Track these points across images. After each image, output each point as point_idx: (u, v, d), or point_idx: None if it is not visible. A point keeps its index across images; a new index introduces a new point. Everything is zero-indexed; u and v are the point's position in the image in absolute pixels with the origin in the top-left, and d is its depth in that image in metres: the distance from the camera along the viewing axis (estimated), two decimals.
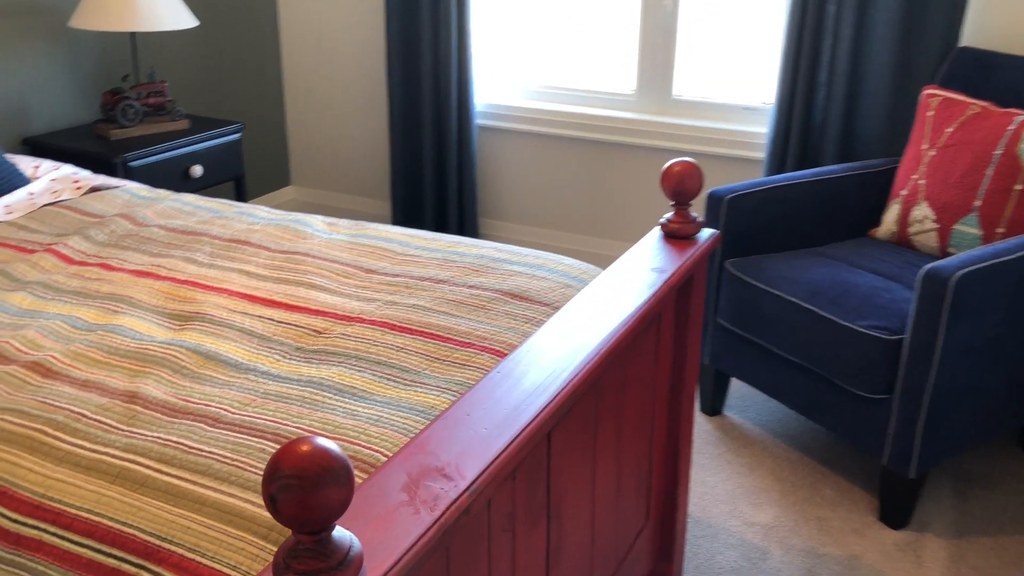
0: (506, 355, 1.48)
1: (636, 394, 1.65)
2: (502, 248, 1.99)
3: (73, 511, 1.18)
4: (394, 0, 3.53)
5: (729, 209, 2.43)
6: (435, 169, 3.70)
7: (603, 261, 3.63)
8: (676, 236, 1.75)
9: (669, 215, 1.76)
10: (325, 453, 0.82)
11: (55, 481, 1.21)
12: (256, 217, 2.18)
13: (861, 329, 2.09)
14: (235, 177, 3.30)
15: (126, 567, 1.12)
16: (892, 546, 2.12)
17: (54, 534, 1.17)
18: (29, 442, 1.27)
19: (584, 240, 3.66)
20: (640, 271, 1.63)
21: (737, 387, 2.82)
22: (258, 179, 4.04)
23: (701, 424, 2.62)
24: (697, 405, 2.71)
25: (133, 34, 3.04)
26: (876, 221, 2.66)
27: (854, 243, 2.55)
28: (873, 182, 2.64)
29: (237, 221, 2.15)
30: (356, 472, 1.19)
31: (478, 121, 3.67)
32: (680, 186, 1.71)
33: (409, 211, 3.83)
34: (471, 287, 1.77)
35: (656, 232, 1.78)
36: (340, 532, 0.88)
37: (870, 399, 2.12)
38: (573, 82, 3.58)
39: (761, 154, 3.19)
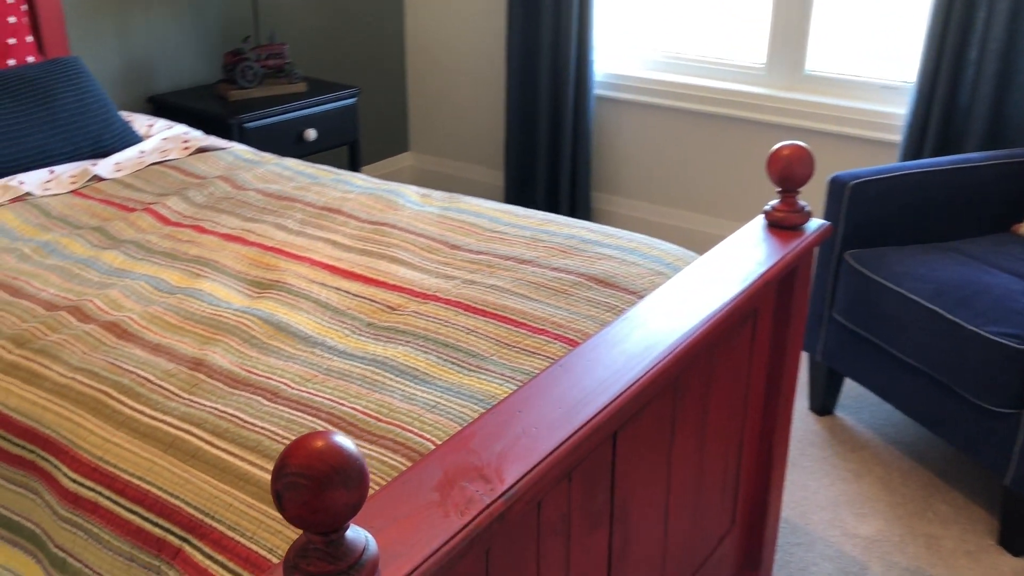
0: (579, 345, 1.40)
1: (725, 392, 1.54)
2: (595, 229, 1.89)
3: (126, 477, 1.18)
4: None
5: (853, 196, 2.25)
6: (550, 139, 3.62)
7: (717, 243, 3.46)
8: (780, 226, 1.62)
9: (774, 202, 1.63)
10: (338, 452, 0.77)
11: (112, 445, 1.22)
12: (352, 185, 2.16)
13: (989, 335, 1.89)
14: (348, 142, 3.31)
15: (170, 538, 1.11)
16: (1010, 573, 1.93)
17: (108, 498, 1.17)
18: (94, 403, 1.29)
19: (700, 219, 3.50)
20: (737, 262, 1.51)
21: (851, 386, 2.64)
22: (376, 144, 4.05)
23: (808, 424, 2.46)
24: (806, 403, 2.55)
25: None
26: (1021, 216, 2.42)
27: (993, 239, 2.32)
28: (1020, 173, 2.39)
29: (333, 188, 2.13)
30: (403, 461, 1.14)
31: (596, 91, 3.56)
32: (788, 171, 1.57)
33: (522, 181, 3.76)
34: (555, 269, 1.69)
35: (759, 220, 1.65)
36: (355, 532, 0.82)
37: (995, 412, 1.93)
38: (698, 53, 3.41)
39: (897, 137, 2.95)
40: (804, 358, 2.78)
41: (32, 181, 2.08)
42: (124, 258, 1.75)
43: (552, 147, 3.64)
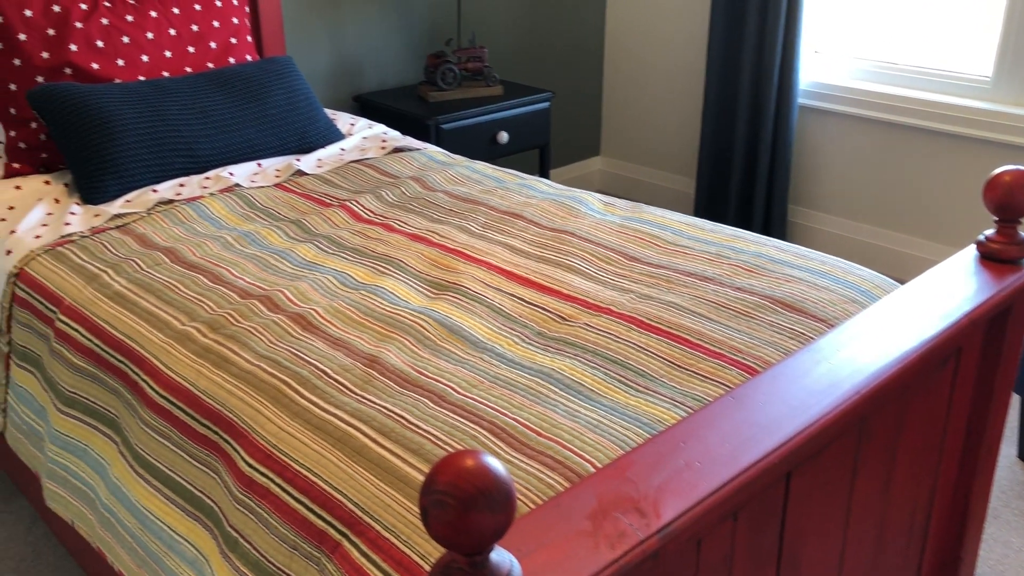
0: (757, 374, 1.32)
1: (917, 436, 1.41)
2: (785, 248, 1.79)
3: (296, 467, 1.22)
4: None
5: None
6: (747, 148, 3.48)
7: (925, 268, 3.21)
8: (995, 259, 1.47)
9: (989, 232, 1.47)
10: (486, 474, 0.75)
11: (287, 434, 1.26)
12: (536, 190, 2.16)
13: None
14: (540, 146, 3.33)
15: (331, 532, 1.14)
16: None
17: (279, 485, 1.22)
18: (274, 392, 1.34)
19: (905, 241, 3.26)
20: (942, 295, 1.38)
21: None
22: (566, 148, 4.06)
23: (1015, 473, 2.23)
24: (1014, 450, 2.31)
25: (459, 0, 3.15)
26: None
27: None
28: None
29: (517, 193, 2.14)
30: (560, 480, 1.12)
31: (800, 100, 3.39)
32: (1008, 199, 1.42)
33: (714, 190, 3.65)
34: (738, 289, 1.61)
35: (971, 251, 1.50)
36: (500, 555, 0.81)
37: None
38: (915, 62, 3.17)
39: None
40: (1014, 401, 2.52)
41: (241, 173, 2.22)
42: (316, 252, 1.83)
43: (749, 157, 3.51)
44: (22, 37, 2.13)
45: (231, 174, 2.19)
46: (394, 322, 1.52)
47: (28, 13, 2.14)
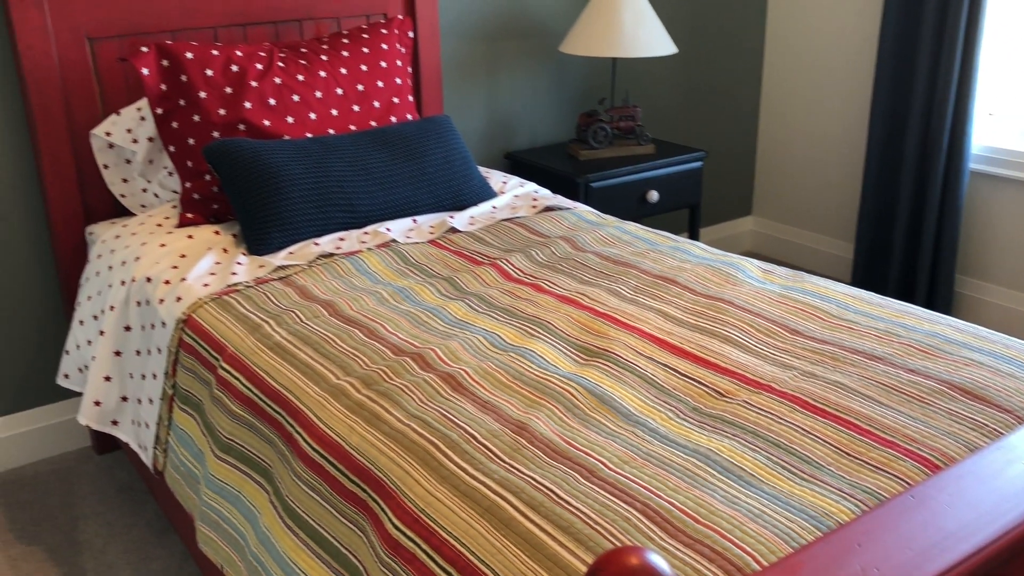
0: (937, 469, 1.21)
1: None
2: (962, 327, 1.66)
3: (443, 534, 1.20)
4: (890, 28, 3.21)
5: None
6: (911, 213, 3.31)
7: None
8: None
9: None
10: (652, 574, 0.71)
11: (434, 499, 1.25)
12: (690, 254, 2.10)
13: None
14: (690, 205, 3.27)
15: None
16: None
17: (425, 552, 1.20)
18: (423, 454, 1.34)
19: None
20: None
21: None
22: (717, 206, 3.97)
23: None
24: None
25: (615, 60, 3.15)
26: None
27: None
28: None
29: (670, 256, 2.09)
30: (717, 573, 1.05)
31: (972, 165, 3.20)
32: None
33: (874, 256, 3.47)
34: (912, 371, 1.50)
35: None
36: None
37: None
38: None
39: None
40: None
41: (397, 229, 2.26)
42: (467, 310, 1.84)
43: (913, 222, 3.33)
44: (202, 95, 2.26)
45: (388, 229, 2.24)
46: (543, 388, 1.50)
47: (209, 73, 2.28)
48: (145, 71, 2.23)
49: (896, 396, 1.43)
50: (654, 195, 3.10)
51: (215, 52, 2.31)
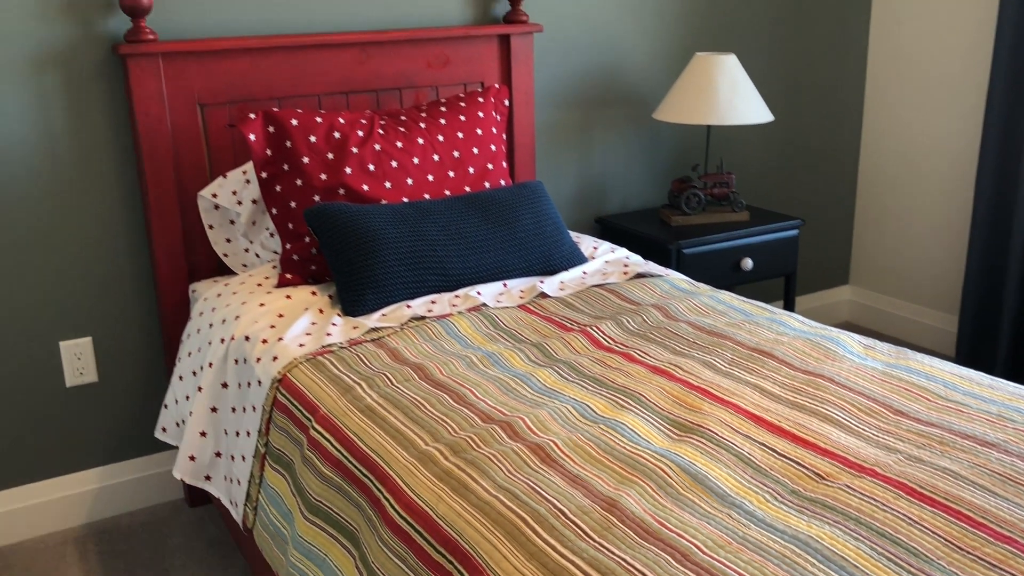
0: None
1: None
2: None
3: None
4: (996, 95, 3.12)
5: None
6: (1020, 285, 3.17)
7: None
8: None
9: None
10: None
11: None
12: (787, 327, 2.05)
13: None
14: (786, 274, 3.20)
15: None
16: None
17: None
18: (511, 527, 1.31)
19: None
20: None
21: None
22: (813, 275, 3.88)
23: None
24: None
25: (709, 127, 3.14)
26: None
27: None
28: None
29: (766, 328, 2.04)
30: None
31: None
32: None
33: (980, 331, 3.33)
34: None
35: None
36: None
37: None
38: None
39: None
40: None
41: (488, 293, 2.27)
42: (556, 378, 1.82)
43: (1023, 297, 3.18)
44: (305, 160, 2.34)
45: (479, 293, 2.25)
46: (634, 463, 1.46)
47: (313, 139, 2.35)
48: (252, 137, 2.32)
49: (1012, 487, 1.34)
50: (748, 263, 3.05)
51: (319, 119, 2.39)
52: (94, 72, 2.39)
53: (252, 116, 2.34)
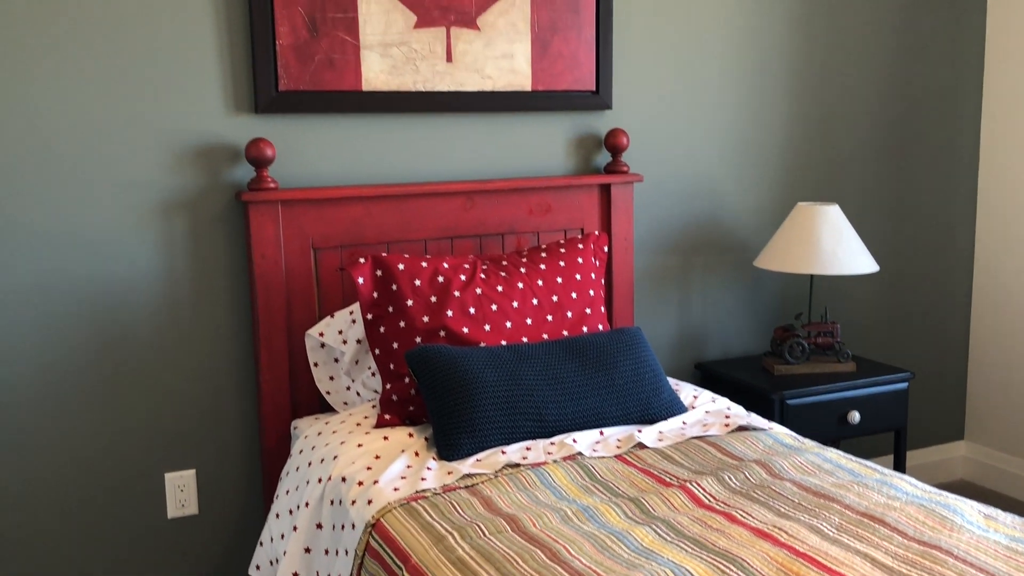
0: None
1: None
2: None
3: None
4: None
5: None
6: None
7: None
8: None
9: None
10: None
11: None
12: (899, 490, 1.94)
13: None
14: (895, 428, 3.07)
15: None
16: None
17: None
18: None
19: None
20: None
21: None
22: (924, 429, 3.70)
23: None
24: None
25: (812, 276, 3.10)
26: None
27: None
28: None
29: (876, 491, 1.94)
30: None
31: None
32: None
33: None
34: None
35: None
36: None
37: None
38: None
39: None
40: None
41: (584, 441, 2.25)
42: (654, 537, 1.76)
43: None
44: (410, 303, 2.40)
45: (575, 441, 2.23)
46: None
47: (417, 283, 2.42)
48: (360, 280, 2.41)
49: None
50: (855, 416, 2.94)
51: (424, 264, 2.46)
52: (217, 217, 2.54)
53: (361, 260, 2.44)
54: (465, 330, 2.41)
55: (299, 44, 2.54)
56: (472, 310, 2.44)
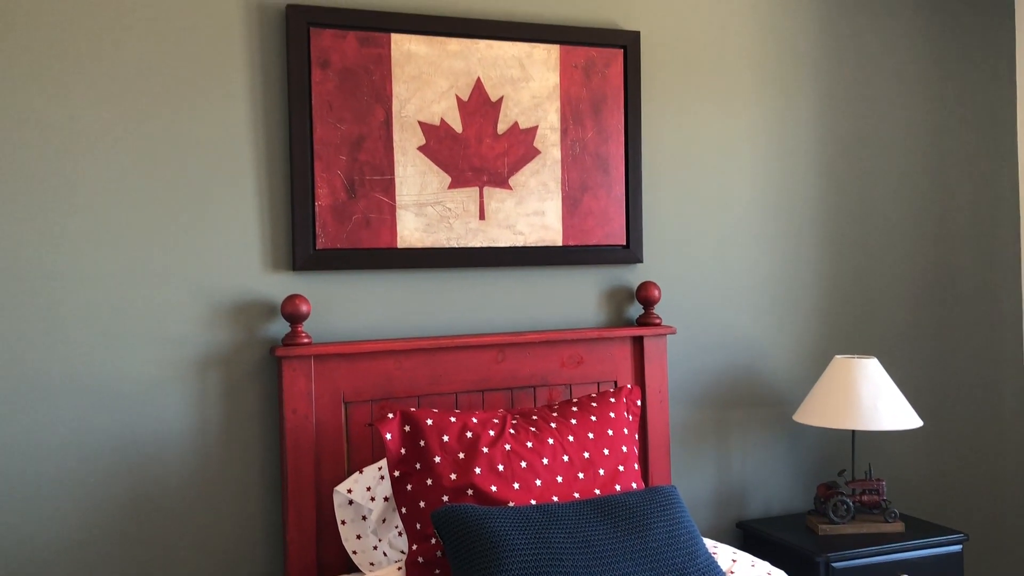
0: None
1: None
2: None
3: None
4: None
5: None
6: None
7: None
8: None
9: None
10: None
11: None
12: None
13: None
14: None
15: None
16: None
17: None
18: None
19: None
20: None
21: None
22: None
23: None
24: None
25: (854, 431, 3.02)
26: None
27: None
28: None
29: None
30: None
31: None
32: None
33: None
34: None
35: None
36: None
37: None
38: None
39: None
40: None
41: None
42: None
43: None
44: (437, 459, 2.37)
45: None
46: None
47: (446, 438, 2.40)
48: (388, 436, 2.39)
49: None
50: None
51: (453, 419, 2.45)
52: (251, 372, 2.57)
53: (390, 416, 2.43)
54: (493, 488, 2.36)
55: (337, 205, 2.63)
56: (501, 467, 2.40)
